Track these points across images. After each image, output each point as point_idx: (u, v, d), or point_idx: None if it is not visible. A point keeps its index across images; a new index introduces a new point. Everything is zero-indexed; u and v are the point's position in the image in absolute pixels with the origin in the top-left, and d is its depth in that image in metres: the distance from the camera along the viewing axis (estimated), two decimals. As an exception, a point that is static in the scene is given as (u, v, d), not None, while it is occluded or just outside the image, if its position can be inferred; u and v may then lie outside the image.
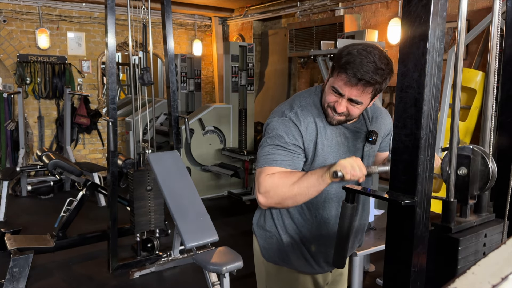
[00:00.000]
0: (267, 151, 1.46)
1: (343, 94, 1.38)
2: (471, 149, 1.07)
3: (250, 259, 1.79)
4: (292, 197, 1.38)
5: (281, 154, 1.43)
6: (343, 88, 1.37)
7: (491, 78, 1.08)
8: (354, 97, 1.37)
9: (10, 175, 5.16)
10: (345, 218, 1.21)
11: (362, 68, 1.31)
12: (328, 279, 1.72)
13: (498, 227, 1.09)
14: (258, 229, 1.65)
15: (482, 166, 1.06)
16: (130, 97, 7.30)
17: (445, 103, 3.66)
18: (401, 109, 0.94)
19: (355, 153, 1.53)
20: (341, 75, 1.35)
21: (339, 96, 1.39)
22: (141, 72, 3.65)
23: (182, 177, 3.36)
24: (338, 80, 1.37)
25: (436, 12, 0.88)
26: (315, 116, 1.48)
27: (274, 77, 6.87)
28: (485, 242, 1.06)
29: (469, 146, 1.08)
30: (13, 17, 5.98)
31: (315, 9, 5.88)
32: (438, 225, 1.03)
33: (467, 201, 1.07)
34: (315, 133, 1.46)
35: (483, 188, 1.07)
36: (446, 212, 1.02)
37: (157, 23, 5.14)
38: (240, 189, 6.01)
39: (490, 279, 0.50)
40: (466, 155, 1.07)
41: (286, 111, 1.48)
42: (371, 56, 1.32)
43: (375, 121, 1.58)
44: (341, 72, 1.35)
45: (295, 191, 1.37)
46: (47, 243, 3.58)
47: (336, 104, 1.41)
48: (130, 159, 4.39)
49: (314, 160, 1.47)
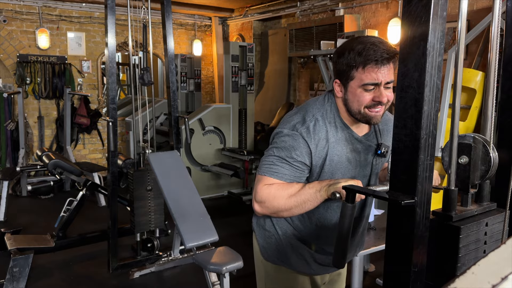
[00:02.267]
0: (271, 161, 1.44)
1: (379, 82, 1.34)
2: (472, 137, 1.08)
3: (250, 259, 1.79)
4: (287, 210, 1.41)
5: (285, 168, 1.42)
6: (378, 76, 1.34)
7: (491, 78, 1.08)
8: (389, 78, 1.35)
9: (10, 175, 5.16)
10: (345, 218, 1.21)
11: (380, 48, 1.32)
12: (326, 279, 1.72)
13: (500, 216, 1.10)
14: (258, 229, 1.66)
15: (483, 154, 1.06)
16: (130, 97, 7.30)
17: (445, 103, 3.66)
18: (401, 109, 0.94)
19: (365, 167, 1.51)
20: (369, 67, 1.33)
21: (376, 88, 1.36)
22: (141, 72, 3.65)
23: (182, 177, 3.36)
24: (368, 73, 1.34)
25: (436, 12, 0.88)
26: (328, 131, 1.44)
27: (274, 77, 6.87)
28: (486, 231, 1.06)
29: (470, 134, 1.09)
30: (13, 17, 5.99)
31: (315, 9, 5.88)
32: (439, 214, 1.03)
33: (468, 190, 1.07)
34: (326, 151, 1.43)
35: (485, 176, 1.07)
36: (447, 201, 1.02)
37: (157, 23, 5.14)
38: (240, 189, 6.01)
39: (490, 279, 0.50)
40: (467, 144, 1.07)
41: (298, 125, 1.43)
42: (374, 38, 1.36)
43: (386, 134, 1.55)
44: (367, 64, 1.33)
45: (291, 204, 1.40)
46: (47, 243, 3.58)
47: (377, 98, 1.37)
48: (130, 159, 4.39)
49: (320, 175, 1.46)
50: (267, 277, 1.67)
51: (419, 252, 0.95)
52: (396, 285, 0.99)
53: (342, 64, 1.38)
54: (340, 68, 1.40)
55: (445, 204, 1.02)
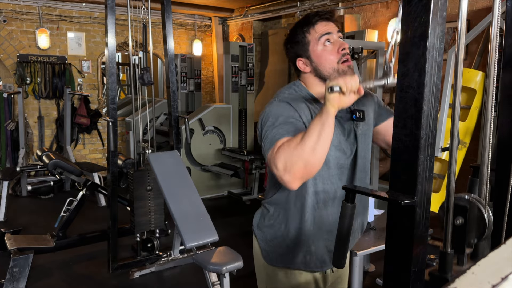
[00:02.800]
0: (272, 133, 1.35)
1: (331, 31, 1.45)
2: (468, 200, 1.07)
3: (250, 259, 1.78)
4: (311, 151, 1.20)
5: (283, 128, 1.33)
6: (328, 27, 1.45)
7: (491, 78, 1.08)
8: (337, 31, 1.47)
9: (10, 175, 5.16)
10: (345, 218, 1.21)
11: (319, 11, 1.49)
12: (328, 280, 1.72)
13: None
14: (259, 231, 1.63)
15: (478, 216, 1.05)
16: (130, 97, 7.30)
17: (445, 103, 3.66)
18: (401, 109, 0.94)
19: (349, 134, 1.51)
20: (317, 24, 1.45)
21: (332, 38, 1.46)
22: (141, 72, 3.65)
23: (182, 177, 3.36)
24: (319, 28, 1.45)
25: (436, 12, 0.88)
26: (306, 102, 1.47)
27: (274, 77, 6.87)
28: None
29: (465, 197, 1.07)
30: (13, 17, 5.99)
31: (315, 9, 5.88)
32: (435, 275, 1.02)
33: (464, 250, 1.06)
34: (310, 115, 1.44)
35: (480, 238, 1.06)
36: (443, 263, 1.00)
37: (157, 23, 5.14)
38: (240, 189, 6.01)
39: (490, 279, 0.50)
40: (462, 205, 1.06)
41: (275, 100, 1.48)
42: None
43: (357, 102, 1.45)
44: (315, 23, 1.45)
45: (311, 142, 1.20)
46: (47, 243, 3.58)
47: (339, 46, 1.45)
48: (130, 159, 4.39)
49: None
50: (268, 279, 1.66)
51: (419, 252, 0.95)
52: (396, 285, 0.99)
53: (296, 42, 1.48)
54: (296, 47, 1.49)
55: (441, 266, 1.01)
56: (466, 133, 3.79)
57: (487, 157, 1.08)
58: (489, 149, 1.08)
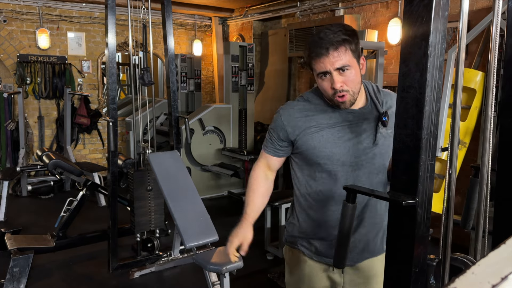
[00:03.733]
0: (265, 138, 1.71)
1: (327, 70, 1.45)
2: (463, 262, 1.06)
3: (250, 259, 1.80)
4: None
5: (268, 142, 1.69)
6: (325, 65, 1.44)
7: (491, 78, 1.08)
8: (337, 64, 1.43)
9: (10, 175, 5.15)
10: (345, 218, 1.21)
11: (323, 39, 1.43)
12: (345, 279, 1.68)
13: None
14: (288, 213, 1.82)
15: None
16: (130, 97, 7.30)
17: (445, 103, 3.66)
18: (402, 109, 0.94)
19: (361, 134, 1.52)
20: (315, 59, 1.46)
21: (329, 75, 1.46)
22: (141, 72, 3.65)
23: (182, 177, 3.36)
24: (317, 64, 1.46)
25: (437, 12, 0.88)
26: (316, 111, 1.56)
27: (274, 77, 6.87)
28: None
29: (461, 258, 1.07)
30: (13, 17, 5.98)
31: (315, 9, 5.88)
32: None
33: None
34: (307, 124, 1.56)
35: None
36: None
37: (157, 23, 5.14)
38: (240, 189, 6.01)
39: (490, 279, 0.50)
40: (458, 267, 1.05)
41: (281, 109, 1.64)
42: (324, 28, 1.46)
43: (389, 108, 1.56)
44: (313, 58, 1.47)
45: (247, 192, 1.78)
46: (47, 243, 3.58)
47: (332, 85, 1.46)
48: (130, 159, 4.39)
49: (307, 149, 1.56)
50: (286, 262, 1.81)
51: (420, 252, 0.95)
52: (396, 285, 0.99)
53: (308, 64, 1.54)
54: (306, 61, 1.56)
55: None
56: (466, 133, 3.78)
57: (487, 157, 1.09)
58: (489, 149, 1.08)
